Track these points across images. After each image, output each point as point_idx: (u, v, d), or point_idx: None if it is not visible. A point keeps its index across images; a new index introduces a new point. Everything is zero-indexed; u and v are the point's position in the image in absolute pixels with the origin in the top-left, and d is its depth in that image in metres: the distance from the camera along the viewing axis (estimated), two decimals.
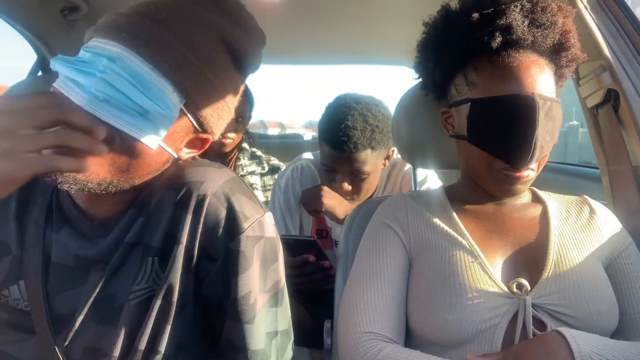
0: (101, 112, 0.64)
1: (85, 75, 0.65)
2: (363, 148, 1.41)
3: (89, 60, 0.66)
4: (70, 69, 0.66)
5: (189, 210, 0.75)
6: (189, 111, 0.72)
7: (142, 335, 0.73)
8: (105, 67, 0.65)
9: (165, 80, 0.68)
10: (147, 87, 0.66)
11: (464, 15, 0.91)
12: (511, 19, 0.87)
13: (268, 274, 0.79)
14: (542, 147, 0.85)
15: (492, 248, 0.90)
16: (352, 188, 1.48)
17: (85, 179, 0.67)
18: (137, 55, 0.67)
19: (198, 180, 0.77)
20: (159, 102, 0.67)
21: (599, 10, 1.12)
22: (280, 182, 1.68)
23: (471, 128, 0.89)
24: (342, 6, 1.73)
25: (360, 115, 1.43)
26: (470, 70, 0.91)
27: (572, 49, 0.91)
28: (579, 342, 0.74)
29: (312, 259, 1.35)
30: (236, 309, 0.76)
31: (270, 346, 0.80)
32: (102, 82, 0.64)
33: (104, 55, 0.66)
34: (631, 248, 0.94)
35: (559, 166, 2.18)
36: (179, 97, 0.69)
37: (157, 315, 0.74)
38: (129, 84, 0.65)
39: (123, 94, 0.65)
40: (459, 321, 0.81)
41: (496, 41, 0.86)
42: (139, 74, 0.66)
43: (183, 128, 0.73)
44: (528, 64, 0.86)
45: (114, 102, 0.65)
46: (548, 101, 0.85)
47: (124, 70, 0.66)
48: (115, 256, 0.74)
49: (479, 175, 0.93)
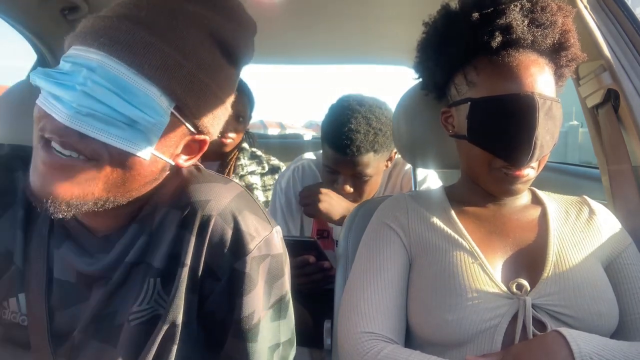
0: (86, 127, 0.61)
1: (66, 88, 0.62)
2: (366, 151, 1.40)
3: (68, 72, 0.63)
4: (50, 83, 0.62)
5: (193, 232, 0.72)
6: (181, 114, 0.68)
7: (146, 357, 0.71)
8: (85, 78, 0.61)
9: (150, 84, 0.64)
10: (132, 94, 0.63)
11: (464, 14, 0.91)
12: (511, 18, 0.87)
13: (273, 290, 0.77)
14: (542, 147, 0.85)
15: (492, 249, 0.90)
16: (354, 190, 1.48)
17: (80, 202, 0.65)
18: (118, 60, 0.63)
19: (203, 200, 0.74)
20: (147, 110, 0.64)
21: (599, 10, 1.12)
22: (281, 182, 1.68)
23: (471, 127, 0.89)
24: (342, 6, 1.73)
25: (364, 119, 1.42)
26: (470, 70, 0.91)
27: (571, 49, 0.91)
28: (579, 342, 0.74)
29: (313, 259, 1.35)
30: (239, 328, 0.74)
31: (272, 359, 0.79)
32: (83, 95, 0.61)
33: (83, 65, 0.63)
34: (631, 248, 0.94)
35: (559, 166, 2.18)
36: (168, 101, 0.66)
37: (164, 338, 0.72)
38: (111, 94, 0.62)
39: (107, 105, 0.62)
40: (459, 321, 0.81)
41: (496, 40, 0.86)
42: (121, 80, 0.62)
43: (177, 133, 0.70)
44: (528, 63, 0.86)
45: (99, 116, 0.62)
46: (548, 100, 0.85)
47: (106, 79, 0.62)
48: (117, 274, 0.72)
49: (478, 174, 0.93)
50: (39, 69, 0.65)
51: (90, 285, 0.74)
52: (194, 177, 0.78)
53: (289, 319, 0.82)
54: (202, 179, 0.78)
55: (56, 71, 0.64)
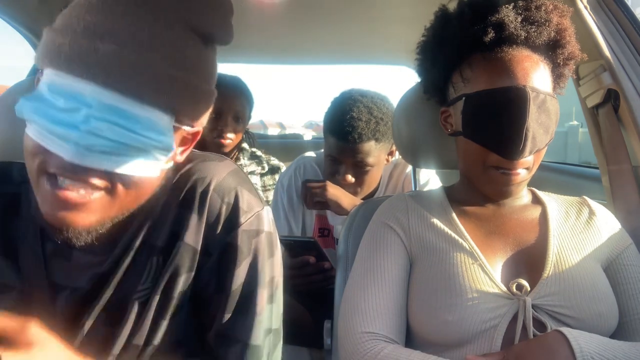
0: (97, 163, 0.62)
1: (67, 128, 0.60)
2: (367, 139, 1.43)
3: (65, 109, 0.61)
4: (48, 121, 0.61)
5: (193, 209, 0.74)
6: (180, 122, 0.69)
7: (140, 331, 0.73)
8: (87, 117, 0.60)
9: (151, 107, 0.63)
10: (135, 122, 0.62)
11: (458, 14, 0.93)
12: (503, 14, 0.88)
13: (265, 268, 0.78)
14: (535, 139, 0.85)
15: (492, 249, 0.90)
16: (355, 180, 1.49)
17: (99, 225, 0.67)
18: (116, 91, 0.61)
19: (200, 177, 0.76)
20: (152, 134, 0.64)
21: (599, 10, 1.12)
22: (282, 181, 1.69)
23: (465, 122, 0.90)
24: (343, 6, 1.73)
25: (365, 108, 1.46)
26: (465, 67, 0.92)
27: (568, 46, 0.91)
28: (580, 342, 0.74)
29: (313, 260, 1.35)
30: (234, 302, 0.75)
31: (265, 343, 0.79)
32: (89, 135, 0.60)
33: (79, 101, 0.61)
34: (630, 249, 0.94)
35: (559, 166, 2.18)
36: (169, 117, 0.66)
37: (155, 310, 0.73)
38: (116, 128, 0.61)
39: (113, 140, 0.61)
40: (459, 321, 0.81)
41: (488, 36, 0.87)
42: (122, 111, 0.61)
43: (176, 137, 0.71)
44: (521, 58, 0.87)
45: (107, 150, 0.62)
46: (541, 94, 0.85)
47: (107, 113, 0.61)
48: (126, 262, 0.74)
49: (473, 173, 0.93)
50: (25, 102, 0.62)
51: (102, 283, 0.74)
52: (188, 158, 0.79)
53: (278, 305, 0.82)
54: (197, 158, 0.80)
55: (49, 106, 0.62)
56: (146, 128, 0.63)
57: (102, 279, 0.74)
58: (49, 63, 0.64)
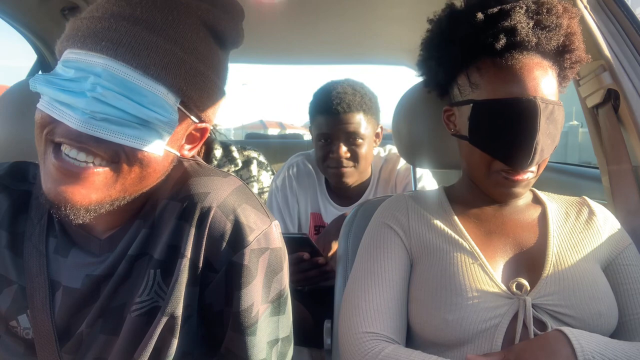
0: (102, 132, 0.63)
1: (75, 95, 0.62)
2: (356, 110, 1.53)
3: (74, 78, 0.63)
4: (57, 90, 0.63)
5: (193, 223, 0.73)
6: (186, 108, 0.71)
7: (145, 348, 0.71)
8: (94, 84, 0.62)
9: (157, 83, 0.65)
10: (141, 95, 0.64)
11: (468, 15, 0.90)
12: (516, 20, 0.86)
13: (272, 284, 0.78)
14: (543, 151, 0.85)
15: (492, 249, 0.90)
16: (350, 155, 1.54)
17: (98, 206, 0.67)
18: (123, 63, 0.63)
19: (203, 192, 0.74)
20: (157, 109, 0.65)
21: (599, 11, 1.12)
22: (277, 181, 1.70)
23: (472, 129, 0.89)
24: (343, 6, 1.73)
25: (349, 85, 1.59)
26: (473, 71, 0.90)
27: (576, 51, 0.91)
28: (581, 341, 0.74)
29: (307, 256, 1.36)
30: (238, 321, 0.74)
31: (272, 354, 0.79)
32: (95, 101, 0.62)
33: (87, 70, 0.63)
34: (630, 249, 0.94)
35: (559, 166, 2.18)
36: (174, 98, 0.68)
37: (163, 330, 0.72)
38: (122, 97, 0.63)
39: (119, 109, 0.63)
40: (459, 321, 0.81)
41: (500, 43, 0.85)
42: (129, 83, 0.64)
43: (182, 125, 0.72)
44: (531, 66, 0.86)
45: (112, 119, 0.63)
46: (550, 104, 0.84)
47: (114, 84, 0.63)
48: (121, 268, 0.73)
49: (477, 176, 0.93)
50: (38, 76, 0.65)
51: (98, 286, 0.74)
52: (194, 170, 0.79)
53: (287, 315, 0.82)
54: (202, 172, 0.79)
55: (59, 78, 0.64)
56: (151, 102, 0.65)
57: (97, 283, 0.74)
58: (66, 44, 0.67)
